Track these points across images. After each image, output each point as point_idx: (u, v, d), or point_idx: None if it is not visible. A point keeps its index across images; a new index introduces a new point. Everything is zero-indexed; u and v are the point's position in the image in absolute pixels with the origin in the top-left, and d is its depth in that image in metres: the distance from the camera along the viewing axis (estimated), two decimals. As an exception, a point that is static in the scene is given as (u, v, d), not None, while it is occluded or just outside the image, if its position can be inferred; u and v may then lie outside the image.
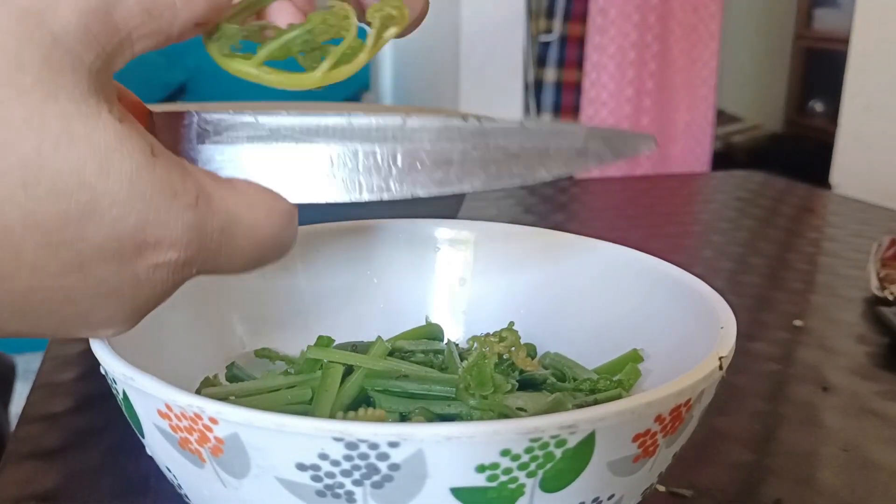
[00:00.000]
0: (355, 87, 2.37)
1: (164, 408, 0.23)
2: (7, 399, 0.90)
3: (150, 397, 0.23)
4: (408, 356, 0.35)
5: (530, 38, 2.03)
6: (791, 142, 2.80)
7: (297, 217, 0.26)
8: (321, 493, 0.22)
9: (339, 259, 0.40)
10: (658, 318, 0.35)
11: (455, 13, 1.94)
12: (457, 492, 0.22)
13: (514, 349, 0.33)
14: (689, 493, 0.36)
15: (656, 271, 0.36)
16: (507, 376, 0.32)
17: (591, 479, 0.23)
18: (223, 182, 0.24)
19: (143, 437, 0.26)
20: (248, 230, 0.24)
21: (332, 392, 0.31)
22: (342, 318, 0.40)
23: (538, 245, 0.40)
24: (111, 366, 0.24)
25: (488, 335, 0.32)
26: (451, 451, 0.21)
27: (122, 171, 0.20)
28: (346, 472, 0.21)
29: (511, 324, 0.34)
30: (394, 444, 0.21)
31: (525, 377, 0.34)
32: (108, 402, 0.38)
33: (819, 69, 2.80)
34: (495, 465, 0.22)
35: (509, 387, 0.31)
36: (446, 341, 0.38)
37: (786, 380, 0.47)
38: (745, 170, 1.16)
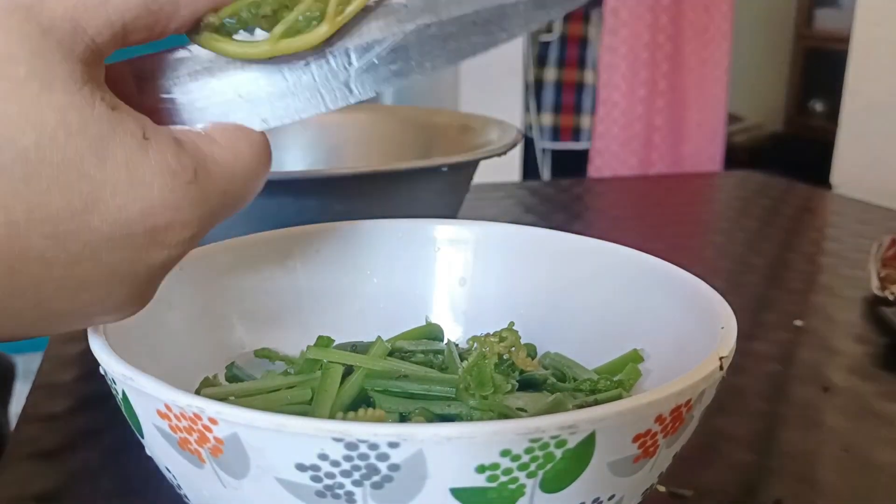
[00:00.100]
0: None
1: (163, 408, 0.23)
2: (7, 399, 0.90)
3: (149, 397, 0.23)
4: (408, 356, 0.35)
5: (530, 38, 2.02)
6: (791, 142, 2.80)
7: (268, 141, 0.25)
8: (321, 494, 0.22)
9: (339, 259, 0.40)
10: (658, 318, 0.35)
11: (455, 13, 1.93)
12: (457, 492, 0.22)
13: (514, 349, 0.32)
14: (689, 493, 0.36)
15: (656, 271, 0.36)
16: (507, 376, 0.32)
17: (592, 480, 0.23)
18: (206, 139, 0.23)
19: (143, 438, 0.26)
20: (242, 178, 0.24)
21: (332, 392, 0.31)
22: (342, 318, 0.40)
23: (538, 245, 0.40)
24: (111, 366, 0.24)
25: (488, 335, 0.32)
26: (451, 451, 0.21)
27: (118, 160, 0.20)
28: (346, 473, 0.21)
29: (511, 324, 0.34)
30: (394, 445, 0.21)
31: (525, 377, 0.34)
32: (108, 402, 0.38)
33: (819, 69, 2.80)
34: (495, 466, 0.22)
35: (509, 387, 0.31)
36: (446, 341, 0.38)
37: (786, 380, 0.47)
38: (745, 170, 1.16)
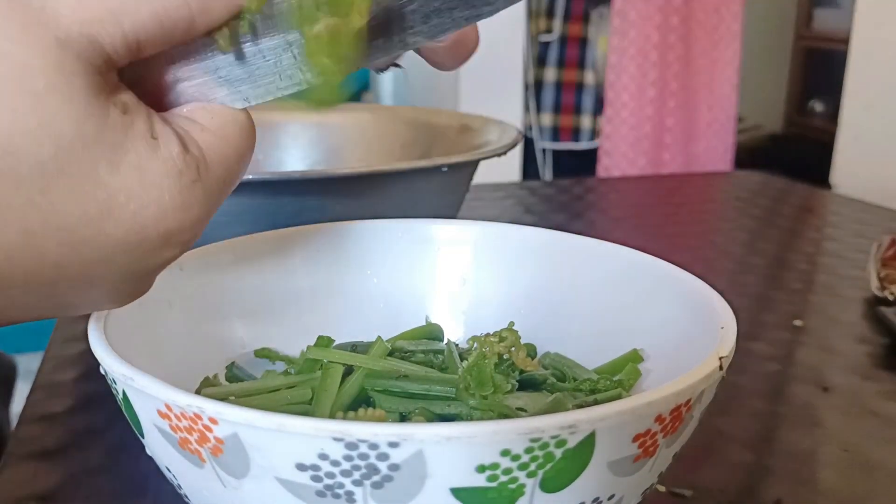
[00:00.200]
0: (355, 87, 2.37)
1: (163, 408, 0.23)
2: (8, 399, 0.90)
3: (149, 397, 0.23)
4: (408, 356, 0.35)
5: (530, 38, 2.02)
6: (791, 142, 2.80)
7: (252, 119, 0.25)
8: (321, 494, 0.22)
9: (339, 259, 0.40)
10: (658, 318, 0.34)
11: (455, 13, 1.93)
12: (457, 492, 0.22)
13: (514, 349, 0.33)
14: (689, 493, 0.36)
15: (656, 271, 0.36)
16: (507, 376, 0.32)
17: (592, 480, 0.23)
18: (197, 127, 0.23)
19: (143, 437, 0.26)
20: (236, 163, 0.24)
21: (332, 392, 0.31)
22: (342, 318, 0.40)
23: (538, 245, 0.40)
24: (111, 366, 0.24)
25: (488, 335, 0.32)
26: (452, 451, 0.21)
27: (131, 164, 0.21)
28: (346, 473, 0.21)
29: (511, 324, 0.34)
30: (394, 445, 0.21)
31: (525, 377, 0.34)
32: (108, 402, 0.38)
33: (819, 69, 2.80)
34: (495, 466, 0.22)
35: (509, 387, 0.31)
36: (446, 341, 0.38)
37: (786, 380, 0.47)
38: (745, 170, 1.16)
